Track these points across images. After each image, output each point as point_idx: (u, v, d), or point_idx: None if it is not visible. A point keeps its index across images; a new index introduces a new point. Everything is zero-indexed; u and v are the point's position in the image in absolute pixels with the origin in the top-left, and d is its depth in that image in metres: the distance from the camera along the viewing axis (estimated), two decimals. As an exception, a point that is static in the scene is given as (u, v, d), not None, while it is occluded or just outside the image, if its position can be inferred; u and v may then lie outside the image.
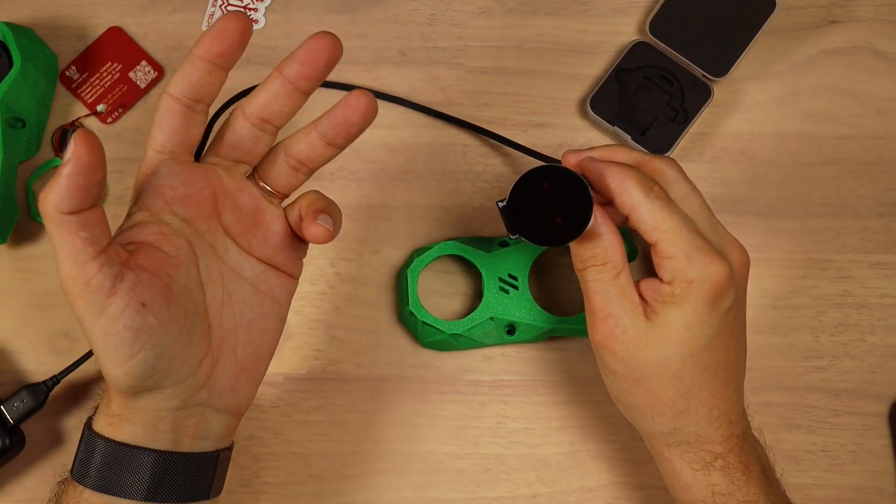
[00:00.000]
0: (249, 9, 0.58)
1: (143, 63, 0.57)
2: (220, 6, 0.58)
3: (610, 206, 0.42)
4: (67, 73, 0.57)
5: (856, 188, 0.56)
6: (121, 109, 0.57)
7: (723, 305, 0.40)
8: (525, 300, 0.52)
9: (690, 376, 0.41)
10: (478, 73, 0.57)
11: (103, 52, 0.57)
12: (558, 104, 0.57)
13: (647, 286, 0.41)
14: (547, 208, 0.40)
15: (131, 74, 0.57)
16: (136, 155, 0.57)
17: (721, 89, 0.57)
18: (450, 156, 0.57)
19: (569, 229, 0.40)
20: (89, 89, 0.57)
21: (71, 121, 0.57)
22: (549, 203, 0.40)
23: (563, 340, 0.55)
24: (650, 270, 0.42)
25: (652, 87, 0.56)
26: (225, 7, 0.58)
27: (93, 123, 0.57)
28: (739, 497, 0.42)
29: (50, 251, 0.55)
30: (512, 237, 0.41)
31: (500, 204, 0.41)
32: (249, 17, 0.36)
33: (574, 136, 0.57)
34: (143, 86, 0.57)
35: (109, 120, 0.57)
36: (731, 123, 0.57)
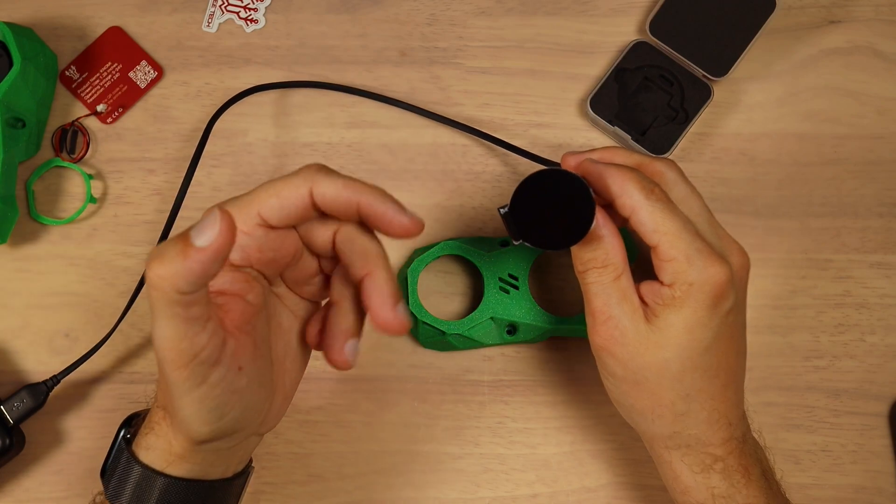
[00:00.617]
0: (249, 9, 0.58)
1: (143, 63, 0.57)
2: (219, 6, 0.58)
3: (609, 208, 0.41)
4: (67, 73, 0.57)
5: (856, 188, 0.56)
6: (121, 109, 0.57)
7: (723, 308, 0.40)
8: (525, 300, 0.52)
9: (690, 379, 0.41)
10: (478, 73, 0.57)
11: (103, 52, 0.57)
12: (558, 104, 0.57)
13: (648, 289, 0.41)
14: (550, 213, 0.40)
15: (131, 74, 0.57)
16: (136, 155, 0.56)
17: (721, 89, 0.57)
18: (449, 156, 0.57)
19: (573, 232, 0.40)
20: (89, 89, 0.57)
21: (71, 121, 0.57)
22: (551, 207, 0.40)
23: (563, 340, 0.55)
24: (643, 274, 0.42)
25: (652, 87, 0.56)
26: (225, 7, 0.58)
27: (93, 123, 0.57)
28: (739, 500, 0.42)
29: (50, 251, 0.56)
30: (516, 243, 0.41)
31: (501, 210, 0.41)
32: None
33: (574, 136, 0.57)
34: (143, 86, 0.57)
35: (109, 120, 0.57)
36: (731, 123, 0.57)
